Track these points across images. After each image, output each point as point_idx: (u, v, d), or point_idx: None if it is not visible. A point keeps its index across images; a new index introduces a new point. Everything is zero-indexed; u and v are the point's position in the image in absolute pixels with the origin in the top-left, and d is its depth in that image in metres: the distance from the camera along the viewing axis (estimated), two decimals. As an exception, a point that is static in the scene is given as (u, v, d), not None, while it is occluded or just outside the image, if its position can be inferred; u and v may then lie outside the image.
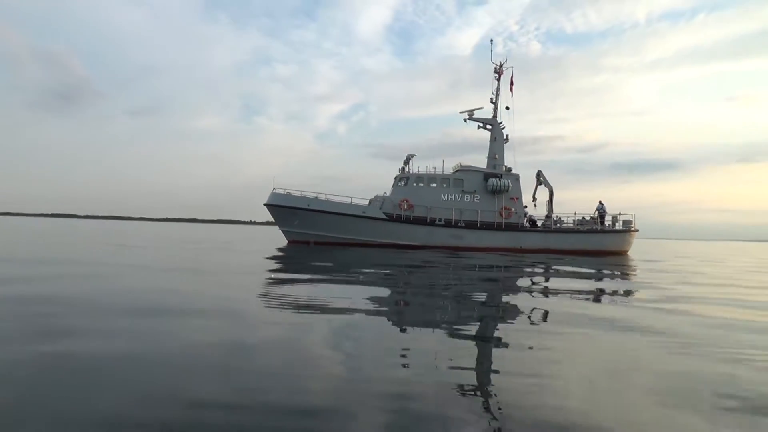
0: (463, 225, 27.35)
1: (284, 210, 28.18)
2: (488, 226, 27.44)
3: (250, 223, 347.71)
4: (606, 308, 7.14)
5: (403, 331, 5.06)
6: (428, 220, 27.36)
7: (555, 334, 5.07)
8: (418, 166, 28.68)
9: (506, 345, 4.57)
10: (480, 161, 29.42)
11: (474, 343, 4.65)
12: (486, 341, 4.73)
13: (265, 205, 29.15)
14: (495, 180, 27.53)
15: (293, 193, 28.30)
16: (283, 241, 29.62)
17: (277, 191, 28.78)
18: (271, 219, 29.61)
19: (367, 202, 28.09)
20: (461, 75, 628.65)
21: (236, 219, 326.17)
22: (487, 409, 2.90)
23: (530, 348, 4.45)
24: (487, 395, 3.14)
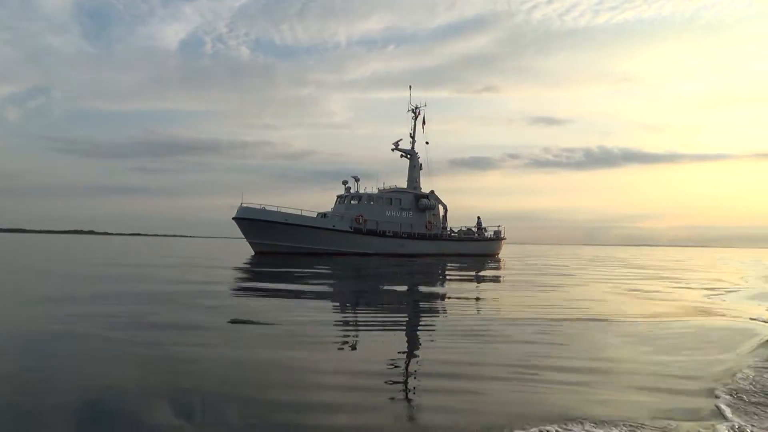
0: (405, 236, 34.25)
1: (260, 224, 30.03)
2: (421, 237, 35.01)
3: None
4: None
5: None
6: (379, 232, 33.27)
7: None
8: (365, 187, 34.40)
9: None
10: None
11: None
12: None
13: (234, 219, 30.32)
14: (425, 200, 35.34)
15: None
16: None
17: (246, 206, 30.40)
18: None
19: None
20: (166, 70, 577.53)
21: None
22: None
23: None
24: None
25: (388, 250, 33.18)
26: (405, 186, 36.60)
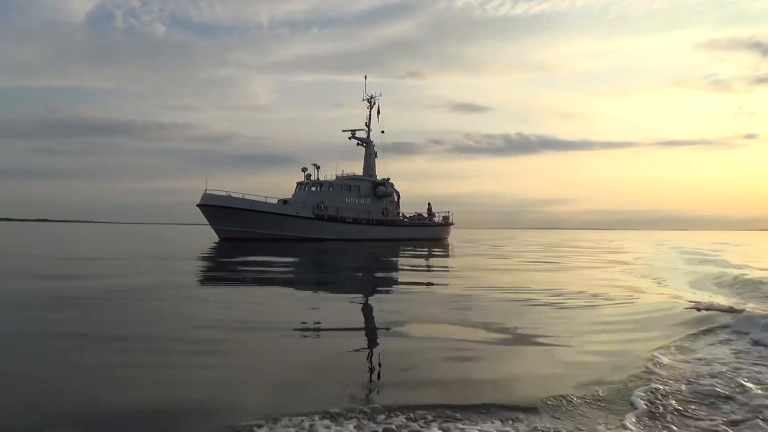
0: (364, 222, 35.67)
1: (226, 210, 30.32)
2: (379, 222, 36.58)
3: None
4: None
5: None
6: (339, 218, 34.45)
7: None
8: (326, 174, 35.42)
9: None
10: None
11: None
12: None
13: (199, 205, 30.42)
14: (383, 187, 36.88)
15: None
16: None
17: (211, 192, 30.59)
18: None
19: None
20: (72, 44, 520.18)
21: None
22: None
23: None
24: None
25: (349, 236, 34.47)
26: (361, 173, 37.94)
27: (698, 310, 6.28)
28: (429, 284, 10.20)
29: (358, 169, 37.99)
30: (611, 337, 5.01)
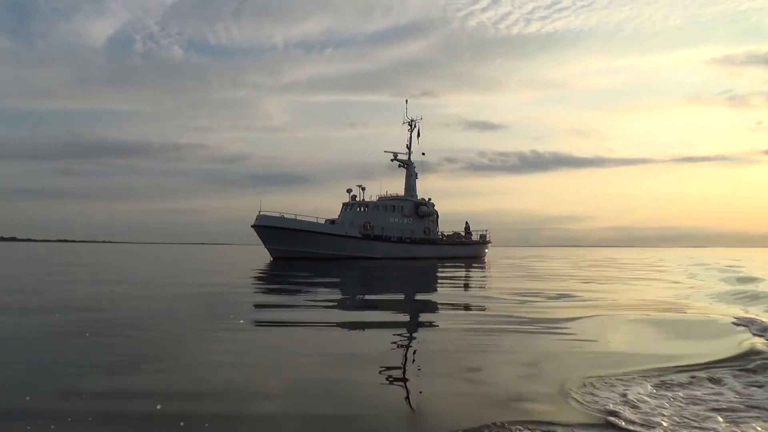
0: (408, 241, 36.68)
1: (280, 231, 31.56)
2: (421, 241, 37.57)
3: None
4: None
5: None
6: (384, 238, 35.50)
7: None
8: (371, 195, 36.64)
9: None
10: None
11: None
12: None
13: (253, 226, 31.72)
14: (425, 207, 37.95)
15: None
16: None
17: (265, 214, 31.90)
18: None
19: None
20: (92, 69, 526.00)
21: None
22: None
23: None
24: None
25: (393, 255, 35.46)
26: (403, 193, 39.07)
27: None
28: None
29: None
30: None
